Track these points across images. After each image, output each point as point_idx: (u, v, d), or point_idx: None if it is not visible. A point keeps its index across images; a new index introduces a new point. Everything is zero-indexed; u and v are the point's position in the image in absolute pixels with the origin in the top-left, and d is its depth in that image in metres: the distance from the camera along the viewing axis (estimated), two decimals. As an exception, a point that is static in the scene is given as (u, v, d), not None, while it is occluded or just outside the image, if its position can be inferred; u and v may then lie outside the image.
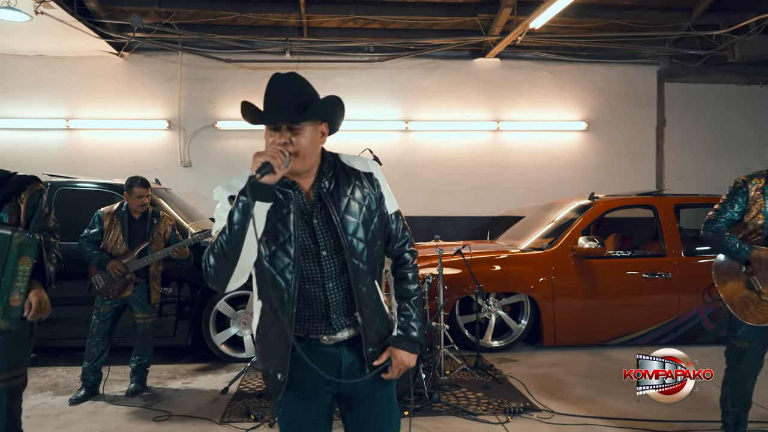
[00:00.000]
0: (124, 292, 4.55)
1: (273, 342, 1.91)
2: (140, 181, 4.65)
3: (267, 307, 1.91)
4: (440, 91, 8.49)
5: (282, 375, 1.88)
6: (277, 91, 1.83)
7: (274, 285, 1.86)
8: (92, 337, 4.58)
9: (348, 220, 1.90)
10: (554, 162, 8.61)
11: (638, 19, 7.97)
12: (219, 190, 1.91)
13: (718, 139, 8.75)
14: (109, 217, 4.62)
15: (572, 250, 5.83)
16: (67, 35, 7.00)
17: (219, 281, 1.79)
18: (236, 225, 1.70)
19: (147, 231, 4.67)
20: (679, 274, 5.87)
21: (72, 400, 4.46)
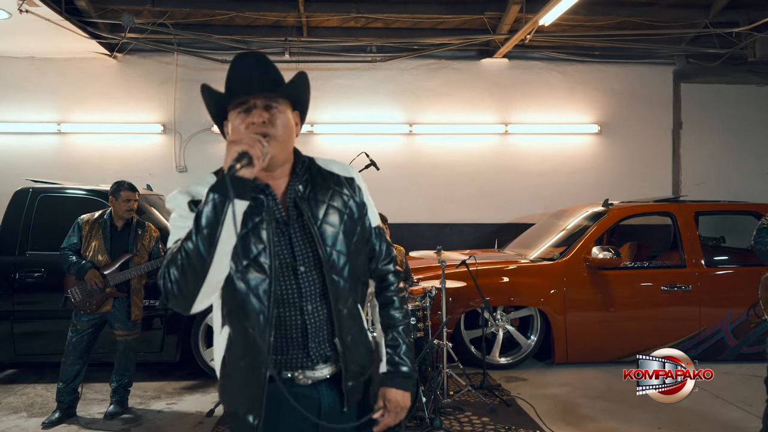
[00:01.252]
0: (103, 306, 4.23)
1: (243, 377, 1.57)
2: (127, 185, 4.35)
3: (237, 335, 1.57)
4: (445, 92, 8.15)
5: (255, 417, 1.55)
6: (247, 66, 1.60)
7: (247, 307, 1.53)
8: (67, 355, 4.27)
9: (327, 229, 1.62)
10: (565, 167, 8.24)
11: (653, 16, 7.60)
12: (175, 195, 1.60)
13: (737, 142, 8.35)
14: (89, 226, 4.31)
15: (585, 261, 5.47)
16: (56, 35, 6.73)
17: (183, 300, 1.45)
18: (206, 229, 1.39)
19: (130, 242, 4.35)
20: (700, 286, 5.50)
21: (45, 424, 4.15)
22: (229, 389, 1.62)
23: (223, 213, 1.39)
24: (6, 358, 5.20)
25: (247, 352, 1.55)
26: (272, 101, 1.57)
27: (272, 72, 1.62)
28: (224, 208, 1.39)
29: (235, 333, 1.58)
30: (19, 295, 5.05)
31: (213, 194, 1.40)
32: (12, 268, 5.02)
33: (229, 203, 1.38)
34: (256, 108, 1.55)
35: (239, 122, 1.56)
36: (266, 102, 1.57)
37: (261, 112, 1.55)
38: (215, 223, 1.39)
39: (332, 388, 1.64)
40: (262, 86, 1.57)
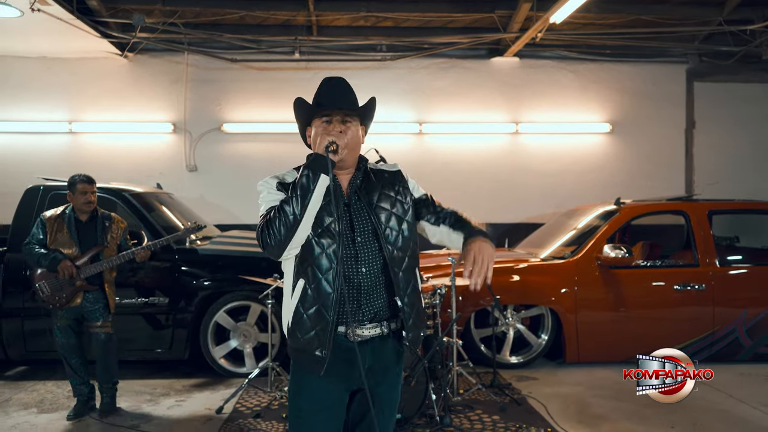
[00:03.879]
0: (73, 300, 4.17)
1: (314, 320, 1.96)
2: (83, 178, 4.28)
3: (310, 285, 1.97)
4: (456, 91, 8.11)
5: (323, 350, 1.95)
6: (334, 87, 2.09)
7: (320, 262, 1.96)
8: (63, 356, 4.27)
9: (380, 210, 2.07)
10: (576, 166, 8.17)
11: (666, 14, 7.54)
12: (267, 180, 2.07)
13: (752, 141, 8.25)
14: (51, 222, 4.25)
15: (597, 260, 5.41)
16: (67, 35, 6.76)
17: (277, 249, 1.91)
18: (300, 194, 1.87)
19: (98, 234, 4.30)
20: (714, 286, 5.42)
21: (69, 416, 4.20)
22: (300, 330, 1.98)
23: (314, 182, 1.88)
24: (17, 355, 5.22)
25: (317, 299, 1.96)
26: (348, 117, 2.06)
27: (351, 94, 2.09)
28: (315, 179, 1.88)
29: (309, 284, 1.97)
30: (29, 293, 5.06)
31: (307, 170, 1.90)
32: (23, 266, 5.03)
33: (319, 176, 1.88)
34: (335, 120, 2.03)
35: (321, 129, 2.03)
36: (344, 117, 2.05)
37: (338, 123, 2.03)
38: (307, 190, 1.88)
39: (375, 351, 2.02)
40: (346, 104, 2.05)
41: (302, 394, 2.02)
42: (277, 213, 1.89)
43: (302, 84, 7.98)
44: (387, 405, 2.12)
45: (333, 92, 2.07)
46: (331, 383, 2.00)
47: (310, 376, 2.00)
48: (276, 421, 4.07)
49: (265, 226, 1.91)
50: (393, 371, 2.12)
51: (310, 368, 1.99)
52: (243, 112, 7.97)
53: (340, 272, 1.96)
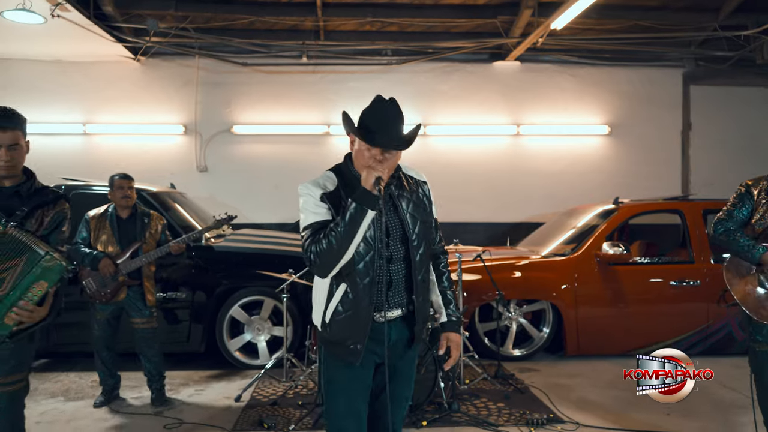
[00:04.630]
0: (118, 295, 4.40)
1: (351, 318, 2.20)
2: (121, 174, 4.52)
3: (350, 288, 2.20)
4: (459, 95, 8.35)
5: (361, 345, 2.21)
6: (387, 116, 2.20)
7: (358, 269, 2.18)
8: (96, 347, 4.49)
9: (409, 217, 2.29)
10: (576, 167, 8.41)
11: (663, 20, 7.76)
12: (309, 186, 2.24)
13: (746, 143, 8.49)
14: (95, 220, 4.49)
15: (596, 257, 5.64)
16: (83, 39, 6.98)
17: (324, 270, 2.17)
18: (349, 227, 2.08)
19: (138, 231, 4.52)
20: (708, 282, 5.64)
21: (96, 404, 4.43)
22: (337, 327, 2.23)
23: (362, 216, 2.08)
24: (40, 347, 5.43)
25: (356, 301, 2.19)
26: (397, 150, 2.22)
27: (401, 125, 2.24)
28: (363, 213, 2.08)
29: (348, 287, 2.20)
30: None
31: (356, 204, 2.08)
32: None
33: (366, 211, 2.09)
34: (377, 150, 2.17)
35: (364, 150, 2.19)
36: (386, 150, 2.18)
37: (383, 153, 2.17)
38: (356, 224, 2.08)
39: (398, 328, 2.29)
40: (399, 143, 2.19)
41: (338, 377, 2.28)
42: (327, 239, 2.09)
43: (310, 87, 8.23)
44: (405, 378, 2.40)
45: (384, 121, 2.18)
46: (363, 364, 2.25)
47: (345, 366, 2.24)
48: (292, 408, 4.29)
49: (315, 248, 2.12)
50: (411, 350, 2.39)
51: (346, 359, 2.23)
52: (252, 114, 8.19)
53: (375, 277, 2.20)
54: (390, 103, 2.23)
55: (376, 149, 2.16)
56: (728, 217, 3.22)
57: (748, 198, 3.19)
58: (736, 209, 3.21)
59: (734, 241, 3.15)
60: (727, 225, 3.20)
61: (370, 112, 2.21)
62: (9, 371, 2.55)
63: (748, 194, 3.19)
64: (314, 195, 2.21)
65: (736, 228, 3.18)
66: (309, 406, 4.22)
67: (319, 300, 2.31)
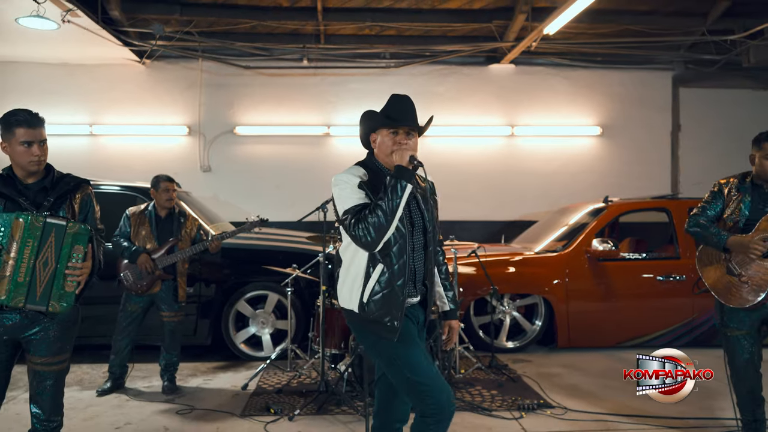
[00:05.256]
0: (153, 288, 4.68)
1: (389, 297, 2.44)
2: (165, 177, 4.83)
3: (387, 270, 2.45)
4: (455, 97, 8.60)
5: (398, 322, 2.43)
6: (405, 106, 2.54)
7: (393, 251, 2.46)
8: (118, 333, 4.74)
9: (428, 212, 2.59)
10: (569, 167, 8.66)
11: (653, 24, 8.03)
12: (344, 175, 2.52)
13: (734, 144, 8.70)
14: (135, 216, 4.78)
15: (586, 253, 5.88)
16: (91, 43, 7.20)
17: (372, 244, 2.38)
18: (399, 199, 2.35)
19: (174, 229, 4.81)
20: (694, 277, 5.83)
21: (99, 391, 4.64)
22: (377, 305, 2.45)
23: (402, 189, 2.36)
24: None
25: (391, 281, 2.44)
26: (412, 130, 2.52)
27: (415, 111, 2.56)
28: (404, 186, 2.36)
29: (385, 268, 2.45)
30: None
31: (395, 179, 2.37)
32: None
33: (406, 185, 2.37)
34: (400, 133, 2.51)
35: (388, 139, 2.51)
36: (408, 130, 2.52)
37: (404, 136, 2.50)
38: (397, 197, 2.35)
39: (418, 311, 2.60)
40: (412, 122, 2.53)
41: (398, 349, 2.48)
42: (373, 213, 2.34)
43: (310, 89, 8.46)
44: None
45: (404, 109, 2.52)
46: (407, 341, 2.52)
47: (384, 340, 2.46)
48: (297, 395, 4.52)
49: (361, 223, 2.36)
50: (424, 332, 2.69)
51: (385, 336, 2.44)
52: (254, 115, 8.42)
53: (407, 260, 2.47)
54: (405, 97, 2.57)
55: (400, 135, 2.49)
56: (701, 212, 3.51)
57: (719, 196, 3.49)
58: (709, 206, 3.51)
59: (704, 230, 3.43)
60: (698, 219, 3.49)
61: (391, 105, 2.55)
62: (56, 352, 2.78)
63: (720, 192, 3.49)
64: (352, 182, 2.47)
65: (706, 221, 3.46)
66: (312, 393, 4.45)
67: (354, 285, 2.51)
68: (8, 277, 2.62)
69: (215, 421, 4.07)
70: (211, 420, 4.09)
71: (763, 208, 3.35)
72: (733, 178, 3.50)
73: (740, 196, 3.42)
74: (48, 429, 2.82)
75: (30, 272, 2.64)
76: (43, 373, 2.78)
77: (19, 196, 2.75)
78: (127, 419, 4.11)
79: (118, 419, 4.12)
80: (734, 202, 3.42)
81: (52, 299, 2.68)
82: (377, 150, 2.57)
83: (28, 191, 2.80)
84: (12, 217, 2.65)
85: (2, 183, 2.78)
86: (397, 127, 2.50)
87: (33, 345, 2.75)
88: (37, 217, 2.66)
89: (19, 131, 2.72)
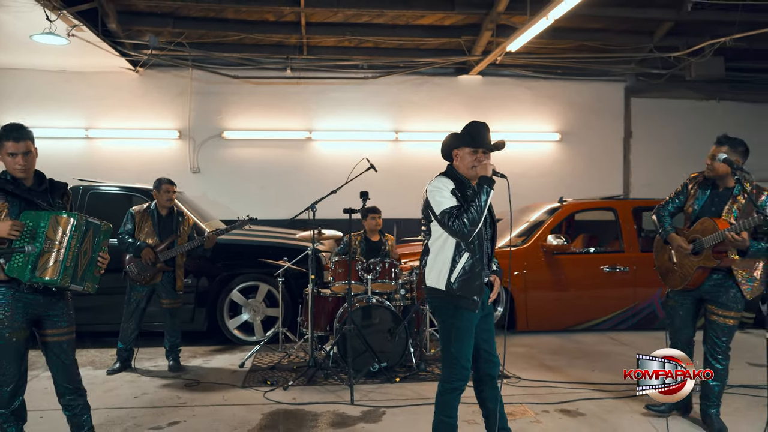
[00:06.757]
0: (155, 279, 5.30)
1: (475, 277, 3.08)
2: (167, 180, 5.44)
3: (473, 256, 3.10)
4: (427, 105, 9.33)
5: (479, 297, 3.10)
6: (483, 132, 3.24)
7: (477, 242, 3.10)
8: (126, 321, 5.33)
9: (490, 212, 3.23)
10: (532, 170, 9.43)
11: (607, 41, 8.84)
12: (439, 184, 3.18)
13: (679, 149, 9.63)
14: (139, 215, 5.38)
15: (543, 247, 6.64)
16: (91, 53, 7.74)
17: (470, 234, 3.02)
18: (484, 203, 3.05)
19: (174, 226, 5.43)
20: (636, 269, 6.70)
21: (109, 371, 5.23)
22: (463, 284, 3.08)
23: (488, 193, 3.07)
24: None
25: (474, 265, 3.09)
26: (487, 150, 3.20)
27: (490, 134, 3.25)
28: (489, 191, 3.08)
29: (470, 255, 3.09)
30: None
31: (483, 187, 3.07)
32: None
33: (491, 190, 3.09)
34: (479, 152, 3.20)
35: (473, 157, 3.20)
36: (485, 150, 3.20)
37: (482, 154, 3.19)
38: (486, 199, 3.05)
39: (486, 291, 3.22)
40: (493, 149, 3.21)
41: (461, 322, 3.12)
42: (467, 212, 3.00)
43: (294, 97, 9.11)
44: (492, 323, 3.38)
45: (483, 134, 3.22)
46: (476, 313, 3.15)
47: (468, 312, 3.10)
48: (289, 371, 5.18)
49: (457, 220, 3.00)
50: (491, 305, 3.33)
51: (469, 308, 3.08)
52: (241, 121, 9.04)
53: (486, 248, 3.15)
54: (483, 123, 3.25)
55: (480, 153, 3.18)
56: (666, 204, 4.14)
57: (684, 191, 4.07)
58: (672, 200, 4.12)
59: (659, 221, 4.11)
60: (661, 210, 4.14)
61: (474, 130, 3.23)
62: (71, 322, 3.38)
63: (685, 188, 4.08)
64: (447, 189, 3.13)
65: (666, 213, 4.12)
66: (303, 368, 5.12)
67: (442, 269, 3.13)
68: (59, 263, 3.21)
69: (220, 391, 4.73)
70: (216, 390, 4.74)
71: (710, 207, 3.89)
72: (700, 175, 4.01)
73: (697, 192, 3.93)
74: (77, 387, 3.39)
75: (75, 259, 3.25)
76: (61, 343, 3.31)
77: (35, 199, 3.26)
78: (143, 391, 4.74)
79: (135, 391, 4.75)
80: (692, 198, 3.99)
81: (87, 281, 3.29)
82: (458, 162, 3.24)
83: (35, 194, 3.29)
84: (50, 215, 3.20)
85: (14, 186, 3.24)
86: (479, 147, 3.18)
87: (51, 320, 3.27)
88: (80, 216, 3.26)
89: (7, 144, 3.22)
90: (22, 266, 3.07)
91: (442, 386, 3.22)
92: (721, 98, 9.79)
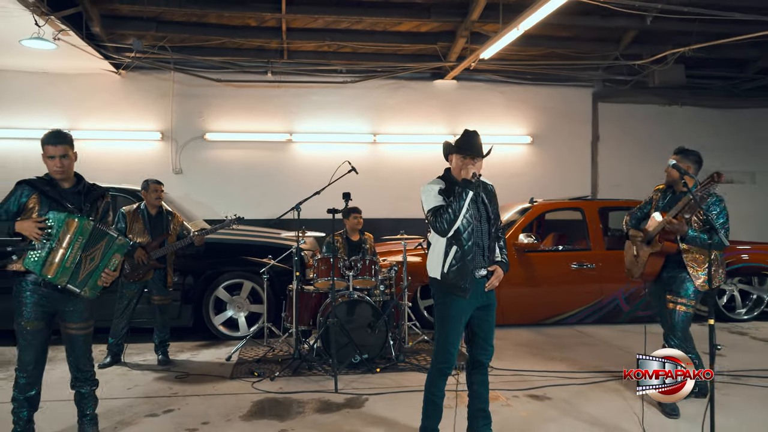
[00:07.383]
0: (146, 276, 5.51)
1: (463, 267, 3.34)
2: (154, 180, 5.66)
3: (459, 248, 3.35)
4: (404, 108, 9.66)
5: (468, 284, 3.34)
6: (472, 140, 3.44)
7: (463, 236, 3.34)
8: (117, 317, 5.53)
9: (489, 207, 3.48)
10: (505, 172, 9.78)
11: (575, 48, 9.26)
12: (429, 185, 3.49)
13: (644, 151, 10.11)
14: (130, 214, 5.58)
15: (514, 245, 6.98)
16: (75, 56, 7.90)
17: (446, 232, 3.31)
18: (463, 202, 3.28)
19: (164, 225, 5.64)
20: (601, 266, 7.09)
21: (101, 365, 5.42)
22: (455, 273, 3.35)
23: (466, 195, 3.27)
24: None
25: (463, 256, 3.34)
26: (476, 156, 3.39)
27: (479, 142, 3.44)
28: (466, 194, 3.27)
29: (458, 248, 3.35)
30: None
31: (462, 188, 3.28)
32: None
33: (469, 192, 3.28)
34: (467, 157, 3.39)
35: (462, 163, 3.40)
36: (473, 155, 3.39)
37: (471, 160, 3.37)
38: (462, 200, 3.27)
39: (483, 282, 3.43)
40: (480, 154, 3.40)
41: (452, 310, 3.39)
42: (445, 212, 3.27)
43: (274, 100, 9.35)
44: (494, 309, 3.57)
45: (470, 142, 3.43)
46: (468, 303, 3.38)
47: (458, 299, 3.35)
48: (274, 363, 5.44)
49: (438, 218, 3.28)
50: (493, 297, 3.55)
51: (459, 294, 3.33)
52: (223, 123, 9.26)
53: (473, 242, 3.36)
54: (474, 132, 3.47)
55: (468, 158, 3.38)
56: (634, 211, 4.74)
57: (649, 200, 4.62)
58: (639, 209, 4.71)
59: (626, 225, 4.73)
60: (629, 218, 4.76)
61: (463, 138, 3.47)
62: (87, 318, 3.63)
63: (650, 198, 4.63)
64: (434, 190, 3.42)
65: (633, 219, 4.71)
66: (288, 361, 5.38)
67: (437, 260, 3.42)
68: (58, 262, 3.43)
69: (210, 382, 4.97)
70: (206, 382, 4.99)
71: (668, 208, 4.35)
72: (663, 185, 4.55)
73: (659, 198, 4.49)
74: (86, 377, 3.69)
75: (76, 261, 3.46)
76: (77, 336, 3.63)
77: (63, 200, 3.51)
78: (135, 383, 4.97)
79: (127, 383, 4.97)
80: (654, 203, 4.54)
81: (87, 286, 3.51)
82: (453, 167, 3.51)
83: (67, 195, 3.56)
84: (64, 216, 3.44)
85: (50, 187, 3.53)
86: (466, 154, 3.42)
87: (68, 314, 3.56)
88: (88, 221, 3.48)
89: (47, 147, 3.54)
90: (35, 261, 3.31)
91: (431, 366, 3.60)
92: (683, 103, 10.30)
